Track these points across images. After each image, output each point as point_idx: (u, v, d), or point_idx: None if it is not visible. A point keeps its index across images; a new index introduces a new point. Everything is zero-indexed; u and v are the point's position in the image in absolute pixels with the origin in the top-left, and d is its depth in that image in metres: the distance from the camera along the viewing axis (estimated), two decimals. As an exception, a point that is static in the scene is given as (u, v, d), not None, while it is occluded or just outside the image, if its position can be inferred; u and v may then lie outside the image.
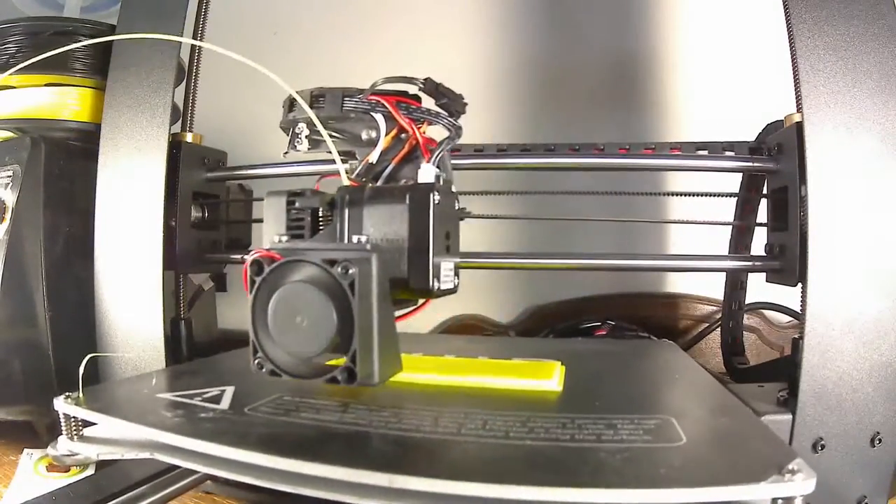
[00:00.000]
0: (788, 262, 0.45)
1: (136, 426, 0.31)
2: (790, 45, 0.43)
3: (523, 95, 0.83)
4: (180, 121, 0.57)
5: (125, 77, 0.53)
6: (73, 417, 0.34)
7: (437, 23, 0.87)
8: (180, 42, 0.52)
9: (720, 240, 0.59)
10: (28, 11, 0.46)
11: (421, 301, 0.37)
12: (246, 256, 0.54)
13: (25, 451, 0.50)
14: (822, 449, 0.41)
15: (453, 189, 0.37)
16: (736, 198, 0.55)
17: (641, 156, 0.49)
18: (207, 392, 0.36)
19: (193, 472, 0.39)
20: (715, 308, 0.74)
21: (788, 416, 0.41)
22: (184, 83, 0.57)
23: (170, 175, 0.52)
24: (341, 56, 0.87)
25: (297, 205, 0.35)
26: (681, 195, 0.54)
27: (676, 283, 0.76)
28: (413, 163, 0.37)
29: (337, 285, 0.29)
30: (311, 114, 0.36)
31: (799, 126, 0.42)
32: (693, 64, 0.79)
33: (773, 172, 0.47)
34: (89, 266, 0.52)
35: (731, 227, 0.57)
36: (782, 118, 0.46)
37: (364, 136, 0.38)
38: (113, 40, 0.53)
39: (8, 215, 0.51)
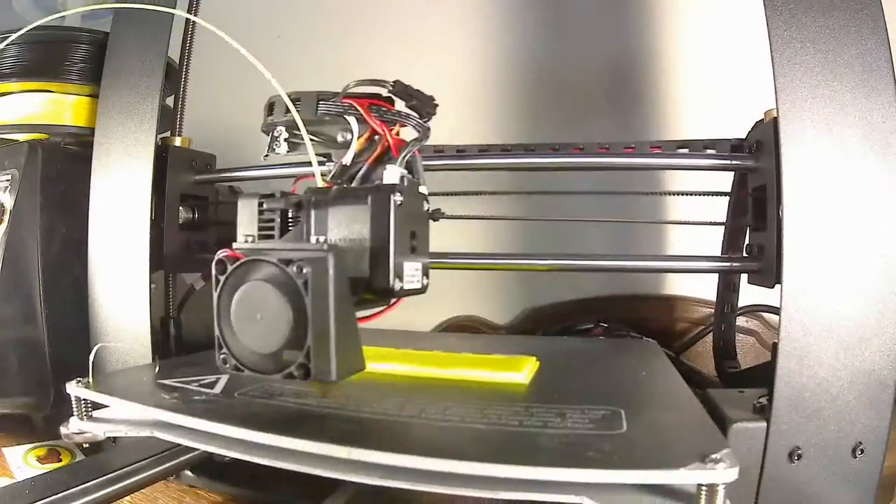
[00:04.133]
0: (767, 263, 0.43)
1: (138, 406, 0.36)
2: (768, 36, 0.42)
3: (522, 96, 0.82)
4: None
5: (116, 84, 0.54)
6: (84, 400, 0.38)
7: (436, 25, 0.87)
8: (169, 34, 0.54)
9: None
10: (30, 20, 0.48)
11: (393, 300, 0.37)
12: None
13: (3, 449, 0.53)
14: (798, 459, 0.40)
15: (423, 190, 0.38)
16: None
17: (620, 154, 0.49)
18: (204, 379, 0.40)
19: (166, 462, 0.43)
20: (713, 310, 0.71)
21: (763, 424, 0.40)
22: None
23: (158, 178, 0.53)
24: (338, 59, 0.88)
25: (265, 206, 0.36)
26: (671, 195, 0.53)
27: (674, 286, 0.75)
28: (386, 164, 0.38)
29: (294, 284, 0.29)
30: (296, 115, 0.37)
31: (776, 121, 0.41)
32: (690, 63, 0.77)
33: (752, 170, 0.46)
34: (84, 266, 0.54)
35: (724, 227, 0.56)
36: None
37: (339, 138, 0.39)
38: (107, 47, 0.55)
39: (6, 217, 0.53)
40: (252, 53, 0.38)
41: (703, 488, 0.26)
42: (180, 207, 0.56)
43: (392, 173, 0.36)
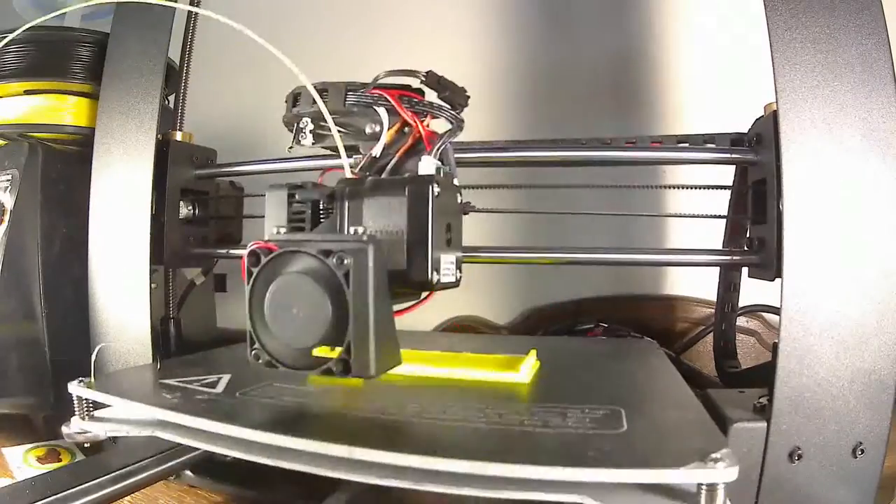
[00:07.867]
0: (767, 257, 0.43)
1: (140, 405, 0.35)
2: (768, 36, 0.42)
3: (523, 94, 0.82)
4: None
5: (116, 84, 0.55)
6: (85, 399, 0.38)
7: (437, 22, 0.87)
8: (169, 34, 0.54)
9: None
10: (30, 20, 0.48)
11: (424, 294, 0.36)
12: (234, 251, 0.56)
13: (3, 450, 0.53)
14: (798, 459, 0.40)
15: (456, 182, 0.37)
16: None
17: (622, 148, 0.49)
18: (205, 379, 0.40)
19: (166, 462, 0.43)
20: (713, 311, 0.71)
21: (763, 424, 0.40)
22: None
23: (158, 173, 0.53)
24: (340, 55, 0.88)
25: (297, 197, 0.36)
26: (673, 188, 0.52)
27: (674, 286, 0.75)
28: (417, 156, 0.37)
29: (333, 276, 0.29)
30: (322, 106, 0.35)
31: (775, 115, 0.41)
32: (691, 61, 0.77)
33: (752, 164, 0.46)
34: (84, 265, 0.54)
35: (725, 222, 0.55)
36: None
37: (367, 129, 0.38)
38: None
39: (6, 217, 0.53)
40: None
41: (704, 487, 0.26)
42: (181, 202, 0.56)
43: (428, 164, 0.35)
